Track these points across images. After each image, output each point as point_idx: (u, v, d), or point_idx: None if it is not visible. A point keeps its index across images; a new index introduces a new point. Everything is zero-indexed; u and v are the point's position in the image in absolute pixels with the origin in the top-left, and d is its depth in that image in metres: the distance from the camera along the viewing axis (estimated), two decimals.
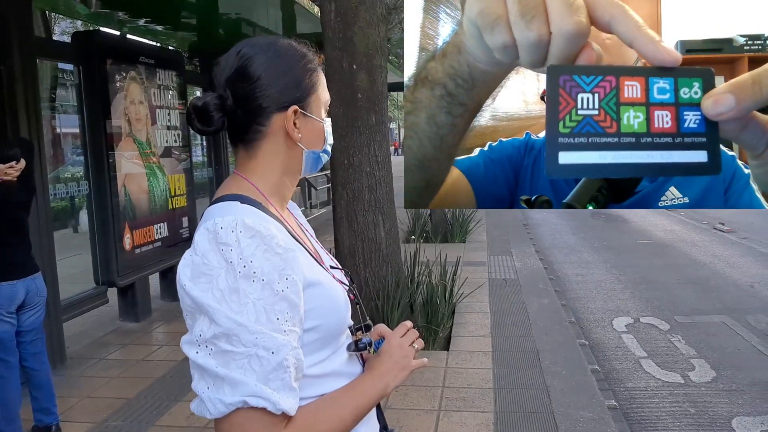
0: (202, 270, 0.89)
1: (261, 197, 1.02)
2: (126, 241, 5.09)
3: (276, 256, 0.91)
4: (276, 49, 1.04)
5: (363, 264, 4.50)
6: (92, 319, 5.30)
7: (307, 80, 1.04)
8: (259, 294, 0.88)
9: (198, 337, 0.89)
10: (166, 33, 7.79)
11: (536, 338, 4.66)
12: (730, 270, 7.12)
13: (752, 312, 5.47)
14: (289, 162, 1.05)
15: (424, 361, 1.14)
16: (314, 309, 0.97)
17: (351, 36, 4.35)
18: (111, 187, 4.95)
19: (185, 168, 6.11)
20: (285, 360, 0.88)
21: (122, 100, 5.10)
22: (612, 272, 7.20)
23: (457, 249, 7.76)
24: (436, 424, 3.32)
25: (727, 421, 3.50)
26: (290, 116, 1.02)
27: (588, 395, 3.66)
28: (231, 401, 0.86)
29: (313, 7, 6.93)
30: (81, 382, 4.05)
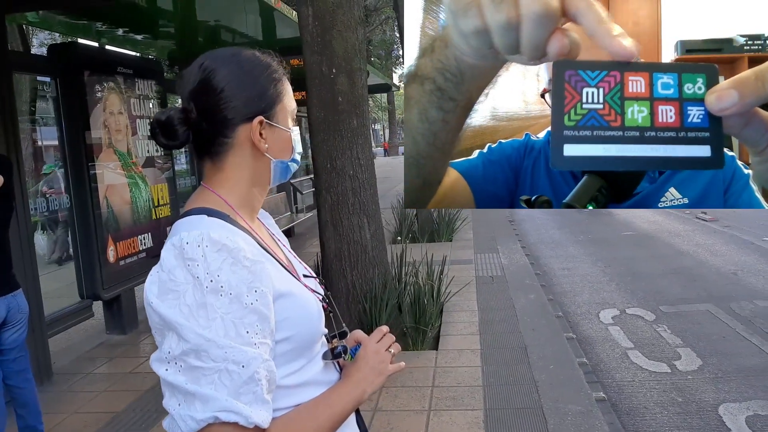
0: (169, 286, 0.89)
1: (229, 209, 1.02)
2: (110, 253, 5.05)
3: (243, 269, 0.90)
4: (239, 61, 1.03)
5: (350, 267, 4.51)
6: (78, 334, 5.26)
7: (271, 90, 1.04)
8: (228, 308, 0.88)
9: (167, 354, 0.88)
10: (144, 42, 7.74)
11: (524, 334, 4.69)
12: (713, 258, 7.20)
13: (736, 299, 5.54)
14: (257, 173, 1.05)
15: (401, 365, 1.13)
16: (286, 320, 0.97)
17: (329, 40, 4.35)
18: (92, 199, 4.91)
19: (168, 177, 6.07)
20: (256, 373, 0.88)
21: (101, 111, 5.06)
22: (597, 265, 7.27)
23: (444, 248, 7.78)
24: (426, 424, 3.33)
25: (714, 408, 3.55)
26: (256, 127, 1.01)
27: (576, 388, 3.69)
28: (202, 417, 0.86)
29: (291, 12, 6.92)
30: (68, 398, 4.02)
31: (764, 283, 6.03)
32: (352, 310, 4.42)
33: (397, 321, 4.49)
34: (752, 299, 5.52)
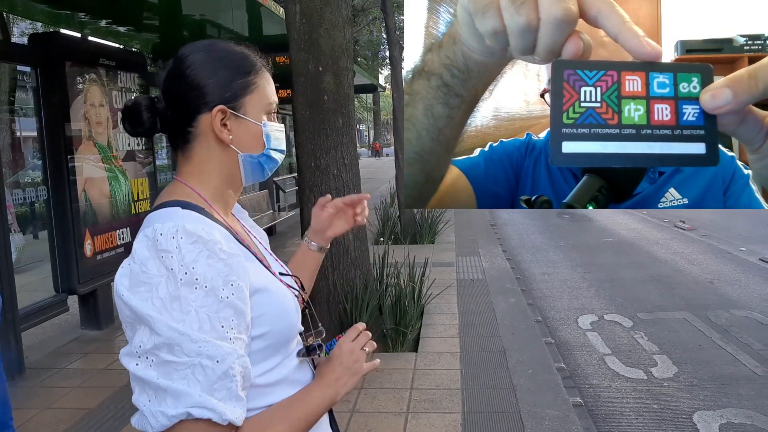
0: (141, 279, 0.87)
1: (203, 202, 1.00)
2: (87, 247, 4.97)
3: (220, 261, 0.89)
4: (211, 50, 1.03)
5: (331, 267, 4.48)
6: (52, 328, 5.17)
7: (240, 81, 1.02)
8: (203, 301, 0.86)
9: (138, 348, 0.86)
10: (128, 34, 7.64)
11: (503, 338, 4.70)
12: (690, 267, 7.30)
13: (712, 308, 5.62)
14: (226, 166, 1.03)
15: (376, 363, 1.12)
16: (262, 315, 0.95)
17: (316, 38, 4.33)
18: (70, 192, 4.83)
19: (149, 172, 6.00)
20: (231, 369, 0.86)
21: (82, 103, 4.98)
22: (577, 271, 7.32)
23: (426, 250, 7.79)
24: (404, 426, 3.32)
25: (689, 416, 3.59)
26: (216, 116, 1.00)
27: (554, 393, 3.70)
28: (174, 413, 0.83)
29: (278, 9, 6.88)
30: (40, 393, 3.94)
31: (740, 293, 6.12)
32: (333, 311, 4.39)
33: (378, 322, 4.47)
34: (728, 308, 5.60)
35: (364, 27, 22.61)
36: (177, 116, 1.01)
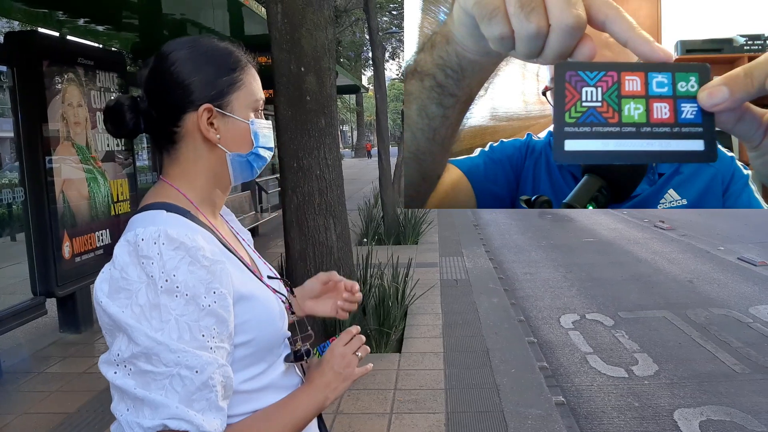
0: (120, 285, 0.85)
1: (189, 205, 0.98)
2: (65, 249, 4.90)
3: (202, 269, 0.87)
4: (194, 47, 0.99)
5: (314, 268, 4.46)
6: (30, 332, 5.08)
7: (225, 78, 0.99)
8: (183, 309, 0.84)
9: (116, 356, 0.84)
10: (107, 33, 7.55)
11: (486, 337, 4.72)
12: (670, 266, 7.39)
13: (692, 307, 5.69)
14: (214, 166, 1.00)
15: (368, 367, 1.09)
16: (247, 322, 0.93)
17: (298, 38, 4.31)
18: (48, 194, 4.75)
19: (129, 173, 5.92)
20: (210, 379, 0.84)
21: (60, 102, 4.91)
22: (559, 270, 7.37)
23: (409, 251, 7.80)
24: (388, 427, 3.31)
25: (669, 414, 3.62)
26: (201, 115, 0.97)
27: (536, 392, 3.72)
28: (150, 425, 0.82)
29: (260, 8, 6.84)
30: (18, 398, 3.87)
31: (719, 292, 6.21)
32: None
33: (361, 323, 4.45)
34: (707, 307, 5.67)
35: (346, 28, 22.57)
36: (161, 116, 0.98)
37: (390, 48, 23.12)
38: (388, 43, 19.91)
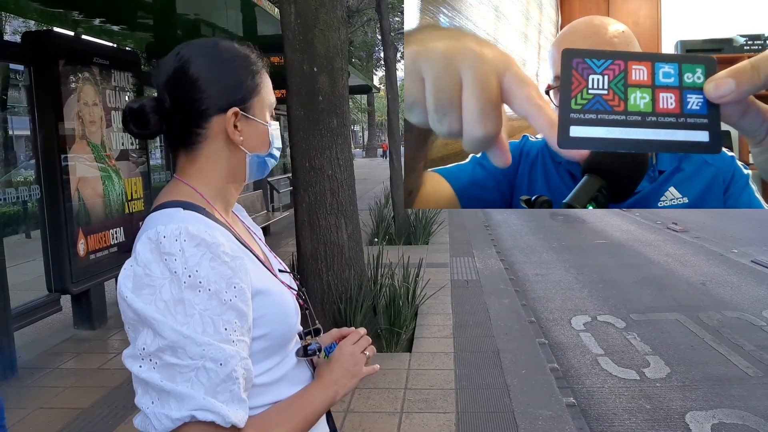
0: (144, 281, 0.87)
1: (204, 203, 1.00)
2: (80, 246, 4.95)
3: (223, 264, 0.89)
4: (216, 51, 1.01)
5: (325, 267, 4.48)
6: (45, 328, 5.14)
7: (249, 82, 1.02)
8: (206, 304, 0.86)
9: (141, 350, 0.86)
10: (122, 33, 7.61)
11: (497, 338, 4.71)
12: (682, 269, 7.34)
13: (704, 309, 5.65)
14: (232, 166, 1.03)
15: (375, 367, 1.13)
16: (263, 317, 0.96)
17: (311, 38, 4.33)
18: (64, 192, 4.80)
19: (142, 171, 5.98)
20: (234, 371, 0.86)
21: (76, 101, 4.96)
22: (570, 272, 7.35)
23: (420, 251, 7.80)
24: (398, 426, 3.32)
25: (681, 416, 3.60)
26: (230, 118, 1.00)
27: (547, 393, 3.71)
28: (178, 416, 0.84)
29: (273, 9, 6.87)
30: (33, 393, 3.92)
31: (732, 295, 6.16)
32: (327, 311, 4.39)
33: (372, 322, 4.48)
34: (720, 310, 5.63)
35: (358, 28, 22.60)
36: (186, 119, 0.99)
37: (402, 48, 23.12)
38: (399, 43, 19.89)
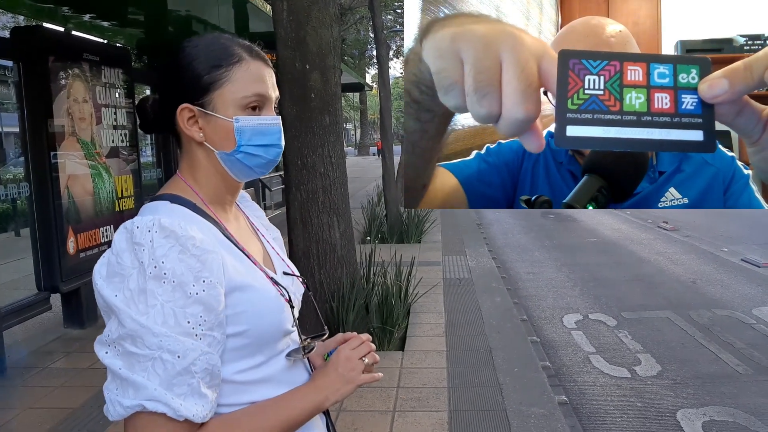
0: (115, 269, 0.88)
1: (196, 197, 1.00)
2: (70, 244, 4.91)
3: (192, 257, 0.88)
4: (191, 45, 1.01)
5: (318, 266, 4.47)
6: (35, 327, 5.10)
7: (209, 76, 0.98)
8: (170, 296, 0.86)
9: (107, 336, 0.88)
10: (112, 29, 7.56)
11: (489, 336, 4.72)
12: (673, 267, 7.38)
13: (695, 307, 5.68)
14: (212, 163, 1.01)
15: (376, 376, 1.07)
16: (241, 313, 0.94)
17: (304, 36, 4.31)
18: (53, 189, 4.76)
19: (133, 169, 5.93)
20: (192, 365, 0.86)
21: (65, 98, 4.92)
22: (562, 270, 7.37)
23: (413, 249, 7.80)
24: (391, 424, 3.32)
25: (672, 414, 3.62)
26: (180, 114, 0.99)
27: (539, 391, 3.72)
28: (129, 404, 0.85)
29: (265, 6, 6.84)
30: (22, 393, 3.88)
31: (722, 293, 6.20)
32: (319, 310, 4.37)
33: (364, 321, 4.47)
34: (710, 308, 5.66)
35: (351, 26, 22.55)
36: (158, 115, 1.01)
37: (394, 46, 23.08)
38: (392, 41, 19.89)
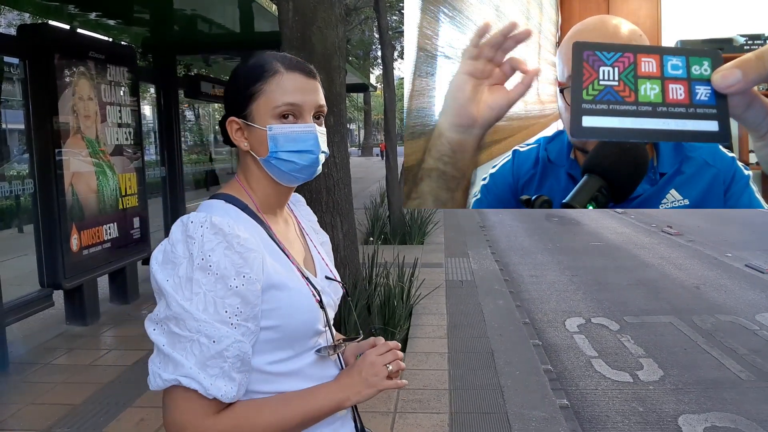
0: (169, 257, 0.99)
1: (248, 199, 1.11)
2: (73, 241, 4.92)
3: (236, 254, 0.98)
4: (242, 64, 1.12)
5: None
6: (37, 323, 5.10)
7: (247, 90, 1.08)
8: (212, 286, 0.96)
9: (156, 315, 0.99)
10: (118, 28, 7.57)
11: (491, 339, 4.71)
12: (677, 272, 7.35)
13: (698, 313, 5.66)
14: (258, 169, 1.11)
15: (400, 383, 1.11)
16: (275, 310, 1.03)
17: (309, 36, 4.31)
18: (57, 186, 4.77)
19: (137, 167, 5.95)
20: (225, 350, 0.95)
21: (71, 96, 4.93)
22: (565, 274, 7.35)
23: (415, 251, 7.79)
24: (392, 426, 3.31)
25: (674, 419, 3.61)
26: (229, 126, 1.11)
27: (541, 395, 3.71)
28: (167, 378, 0.95)
29: (271, 5, 6.84)
30: (24, 388, 3.89)
31: (725, 298, 6.18)
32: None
33: (366, 322, 4.46)
34: (713, 313, 5.64)
35: (356, 26, 22.55)
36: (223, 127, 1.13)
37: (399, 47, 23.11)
38: (397, 42, 19.89)
